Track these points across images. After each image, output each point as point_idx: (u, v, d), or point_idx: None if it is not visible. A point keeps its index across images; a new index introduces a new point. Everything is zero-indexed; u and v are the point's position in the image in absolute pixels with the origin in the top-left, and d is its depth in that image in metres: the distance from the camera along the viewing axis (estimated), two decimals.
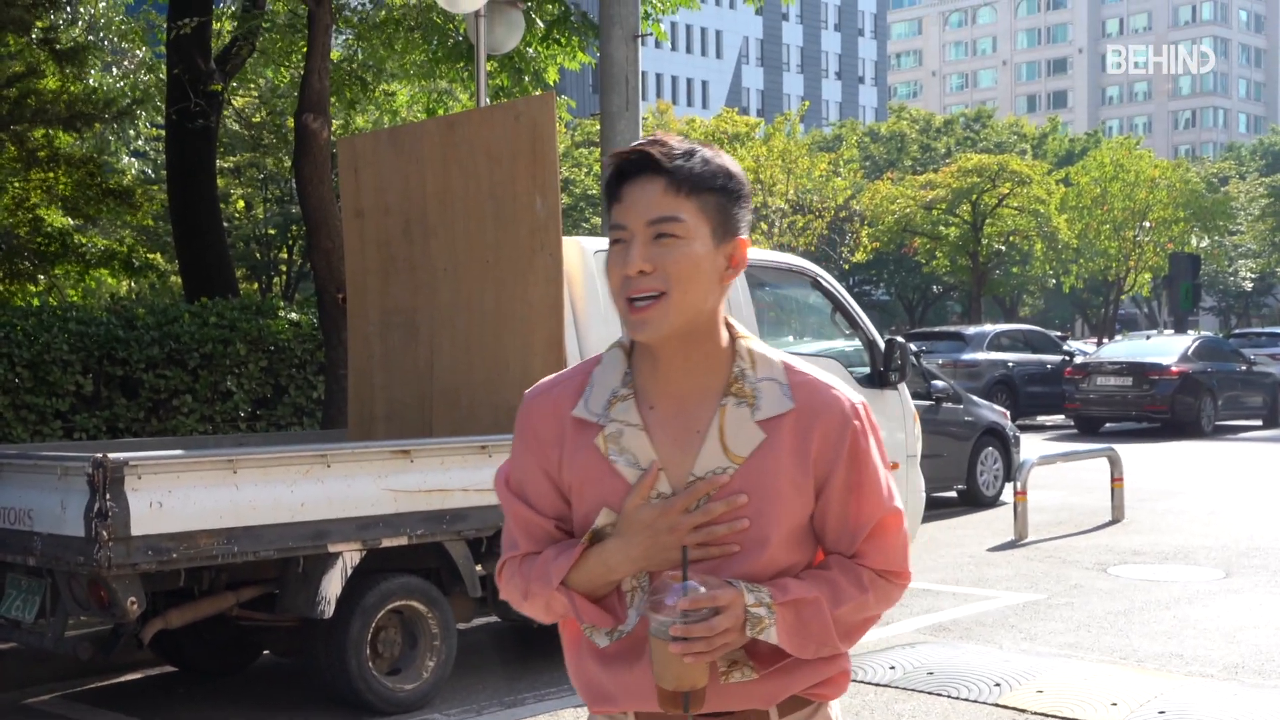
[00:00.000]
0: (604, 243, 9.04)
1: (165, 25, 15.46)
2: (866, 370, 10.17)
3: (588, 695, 2.54)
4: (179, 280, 19.34)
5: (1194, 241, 54.07)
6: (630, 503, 2.39)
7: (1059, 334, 39.58)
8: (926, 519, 12.28)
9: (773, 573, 2.42)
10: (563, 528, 2.51)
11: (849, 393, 2.47)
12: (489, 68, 15.00)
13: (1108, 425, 26.86)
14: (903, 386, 10.31)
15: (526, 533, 2.52)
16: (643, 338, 2.38)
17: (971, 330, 29.36)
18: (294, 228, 28.97)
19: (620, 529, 2.40)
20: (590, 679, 2.52)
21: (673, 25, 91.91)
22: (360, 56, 16.81)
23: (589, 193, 47.51)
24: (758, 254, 10.16)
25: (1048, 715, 7.16)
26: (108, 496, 6.38)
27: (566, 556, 2.43)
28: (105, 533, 6.37)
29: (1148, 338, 30.73)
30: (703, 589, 2.29)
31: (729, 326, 2.49)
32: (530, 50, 15.91)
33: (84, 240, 16.76)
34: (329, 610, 7.15)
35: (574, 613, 2.43)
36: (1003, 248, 52.86)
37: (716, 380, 2.44)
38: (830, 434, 2.42)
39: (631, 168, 2.39)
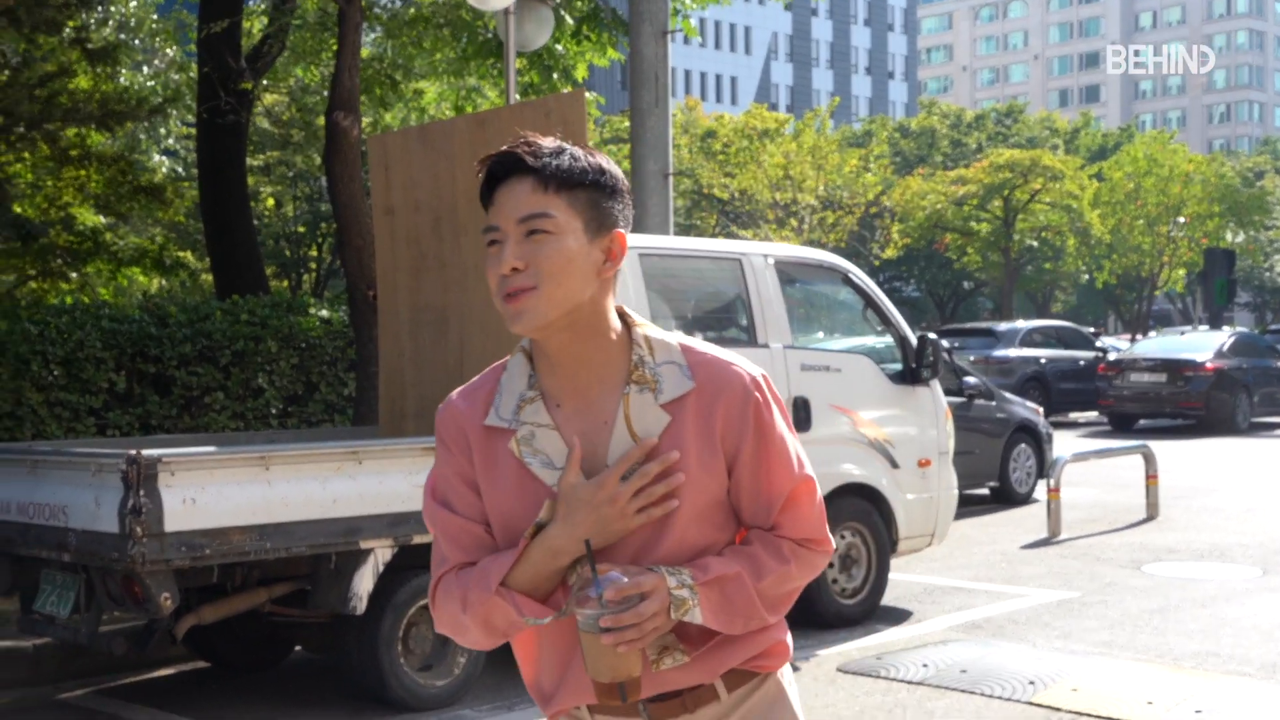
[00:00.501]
0: (635, 239, 9.03)
1: (196, 24, 15.51)
2: (898, 367, 10.13)
3: (542, 697, 2.57)
4: (210, 278, 19.43)
5: (1229, 236, 53.80)
6: (566, 482, 2.41)
7: (1092, 330, 39.48)
8: (959, 516, 12.23)
9: (691, 553, 2.44)
10: (489, 532, 2.51)
11: (748, 367, 2.50)
12: (518, 65, 15.00)
13: (1142, 422, 26.72)
14: (935, 383, 10.27)
15: (456, 542, 2.50)
16: (518, 329, 2.41)
17: (1003, 326, 29.24)
18: (323, 225, 29.03)
19: (561, 511, 2.41)
20: (540, 680, 2.56)
21: (702, 21, 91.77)
22: (390, 54, 16.83)
23: None
24: (788, 250, 10.14)
25: (1082, 714, 7.11)
26: (141, 493, 6.40)
27: (505, 556, 2.43)
28: (139, 529, 6.39)
29: (1182, 334, 30.53)
30: (625, 579, 2.31)
31: (623, 316, 2.51)
32: (559, 47, 15.91)
33: (116, 238, 16.84)
34: (361, 606, 7.16)
35: (513, 610, 2.41)
36: (1035, 243, 52.72)
37: (616, 370, 2.47)
38: (733, 408, 2.44)
39: (501, 170, 2.43)
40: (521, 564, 2.41)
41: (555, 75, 16.26)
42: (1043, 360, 27.32)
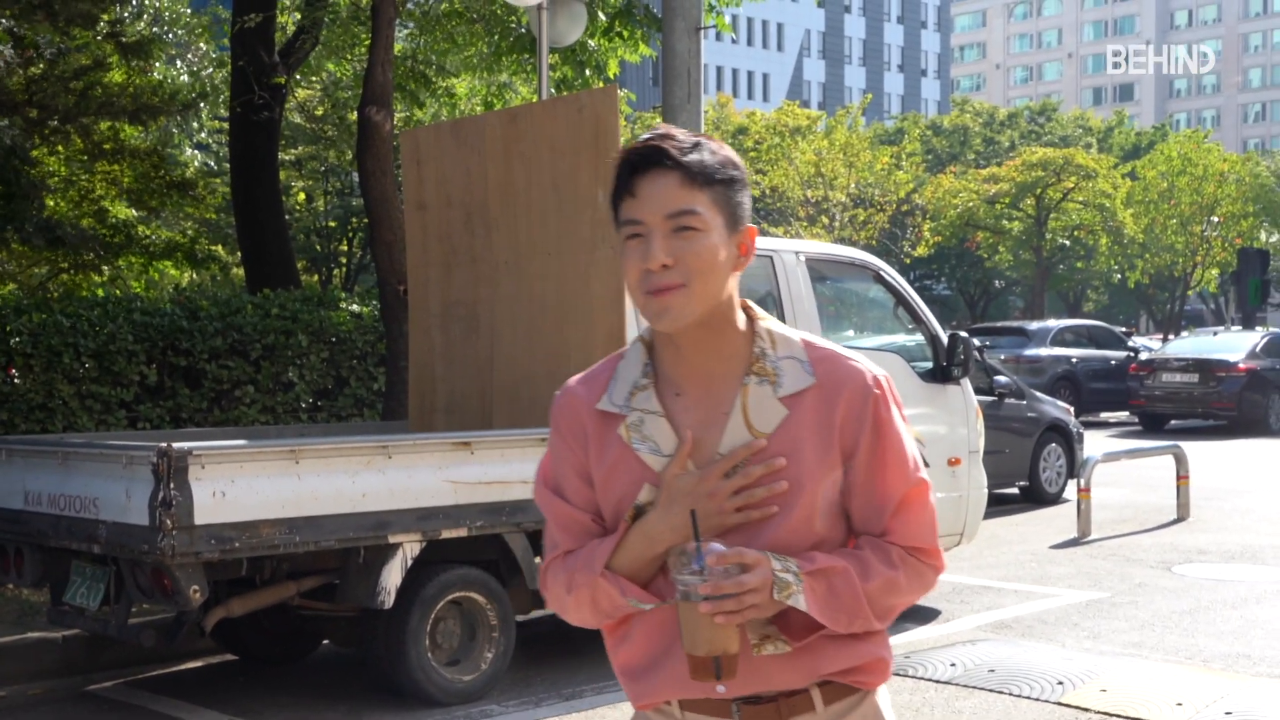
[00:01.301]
0: None
1: (230, 18, 15.55)
2: (929, 365, 10.10)
3: (633, 689, 2.56)
4: (241, 272, 19.46)
5: (1263, 236, 53.44)
6: (670, 472, 2.43)
7: (1124, 330, 39.27)
8: (988, 515, 12.18)
9: (800, 549, 2.43)
10: (599, 522, 2.53)
11: (870, 365, 2.49)
12: (551, 60, 15.00)
13: (1173, 422, 26.60)
14: (965, 382, 10.24)
15: (566, 530, 2.55)
16: (663, 326, 2.42)
17: (1035, 325, 29.15)
18: (354, 220, 29.06)
19: (661, 499, 2.43)
20: (634, 671, 2.55)
21: (735, 18, 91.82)
22: (423, 50, 16.85)
23: None
24: (819, 247, 10.12)
25: (1111, 715, 7.08)
26: (172, 485, 6.43)
27: (609, 540, 2.47)
28: (169, 521, 6.42)
29: (1214, 334, 30.37)
30: (726, 548, 2.32)
31: (747, 309, 2.52)
32: (592, 43, 15.90)
33: (148, 232, 16.88)
34: (389, 601, 7.18)
35: (618, 591, 2.44)
36: (1067, 242, 52.53)
37: (738, 362, 2.48)
38: (853, 405, 2.44)
39: (643, 162, 2.41)
40: (622, 548, 2.45)
41: (588, 71, 16.25)
42: (1074, 359, 27.22)
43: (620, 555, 2.45)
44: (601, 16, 15.47)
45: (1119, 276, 58.99)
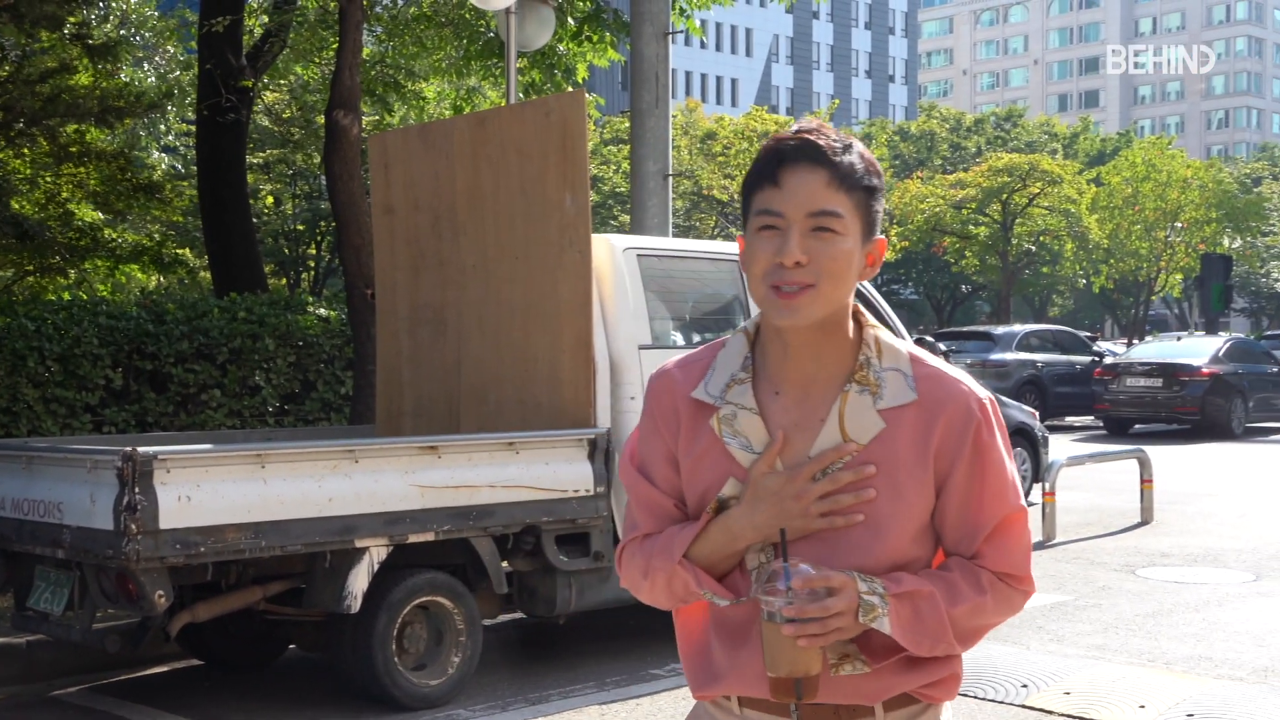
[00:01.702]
0: (634, 240, 9.04)
1: (197, 21, 15.50)
2: None
3: (697, 678, 2.52)
4: (208, 275, 19.40)
5: (1226, 242, 53.78)
6: (757, 469, 2.39)
7: (1089, 334, 39.40)
8: None
9: (887, 567, 2.39)
10: (681, 508, 2.51)
11: (976, 387, 2.45)
12: (520, 64, 15.00)
13: (1137, 426, 26.72)
14: None
15: (649, 511, 2.52)
16: (786, 324, 2.37)
17: (1000, 330, 29.26)
18: (323, 223, 28.96)
19: (746, 496, 2.39)
20: (701, 660, 2.52)
21: (703, 23, 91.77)
22: (391, 54, 16.83)
23: (618, 190, 47.47)
24: None
25: (1075, 717, 7.12)
26: (136, 490, 6.41)
27: (690, 528, 2.44)
28: (134, 526, 6.40)
29: (1178, 339, 30.58)
30: (813, 571, 2.28)
31: (857, 316, 2.48)
32: (561, 47, 15.91)
33: (114, 235, 16.81)
34: (355, 605, 7.16)
35: (693, 581, 2.42)
36: (1033, 247, 52.72)
37: (841, 368, 2.44)
38: (953, 427, 2.40)
39: (794, 154, 2.36)
40: (702, 539, 2.42)
41: (557, 75, 16.26)
42: (1039, 364, 27.32)
43: (699, 546, 2.42)
44: (570, 21, 15.49)
45: (1084, 281, 59.32)
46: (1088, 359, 28.49)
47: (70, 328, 11.10)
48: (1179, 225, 52.21)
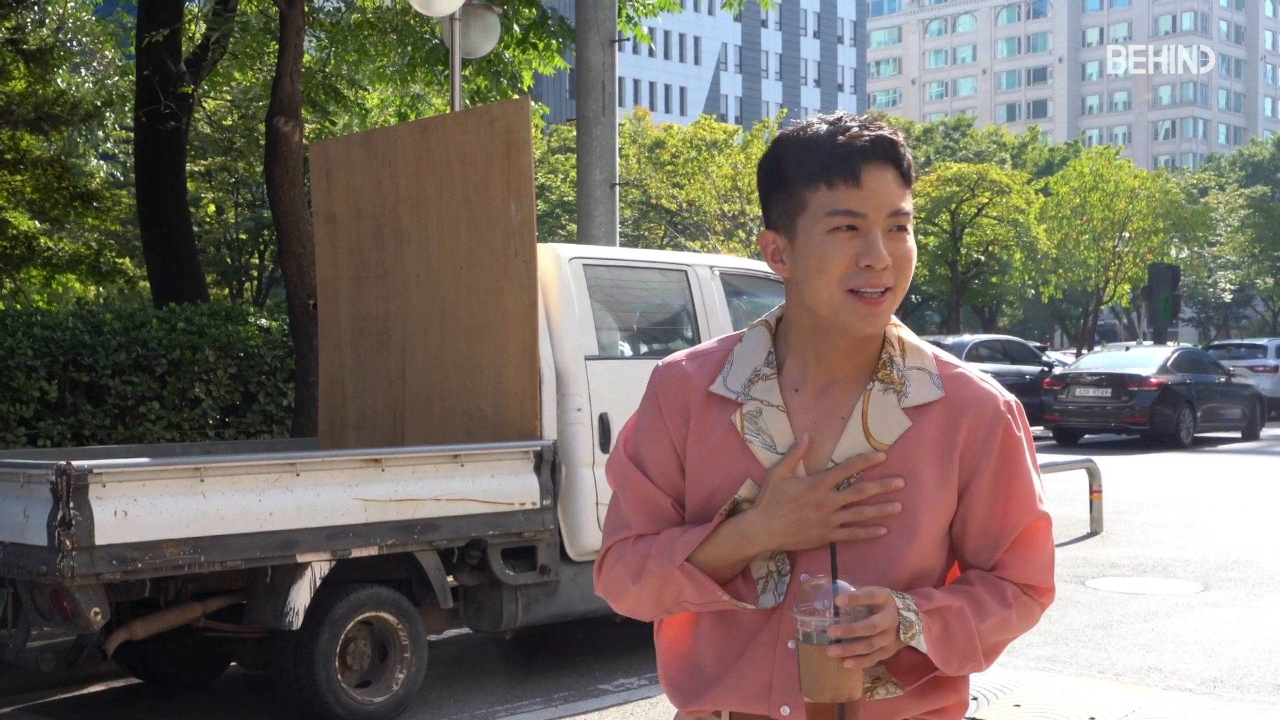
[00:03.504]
0: (580, 249, 8.95)
1: (135, 26, 15.33)
2: None
3: (683, 691, 2.38)
4: (147, 285, 19.19)
5: (1173, 252, 54.21)
6: (778, 473, 2.27)
7: (1038, 345, 39.65)
8: None
9: (909, 578, 2.28)
10: (678, 509, 2.37)
11: (1002, 390, 2.36)
12: (465, 71, 14.90)
13: (1086, 436, 26.85)
14: None
15: (643, 510, 2.38)
16: (873, 330, 2.27)
17: (950, 340, 29.35)
18: (265, 232, 28.80)
19: (764, 501, 2.27)
20: (690, 673, 2.38)
21: (651, 31, 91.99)
22: (333, 61, 16.70)
23: (565, 199, 47.42)
24: (735, 261, 10.08)
25: None
26: (71, 505, 6.28)
27: (696, 531, 2.30)
28: (68, 542, 6.27)
29: (1127, 349, 30.71)
30: (853, 589, 2.15)
31: None
32: (506, 54, 15.82)
33: (50, 244, 16.61)
34: (297, 621, 7.06)
35: (696, 588, 2.28)
36: (982, 257, 52.96)
37: (864, 367, 2.34)
38: (980, 427, 2.30)
39: (877, 151, 2.25)
40: (709, 542, 2.29)
41: (503, 82, 16.17)
42: (989, 374, 27.38)
43: (706, 550, 2.28)
44: (515, 28, 15.39)
45: (1033, 291, 59.63)
46: (1037, 369, 28.63)
47: (4, 339, 10.91)
48: (1127, 235, 52.59)
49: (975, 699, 7.57)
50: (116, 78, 18.31)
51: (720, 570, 2.30)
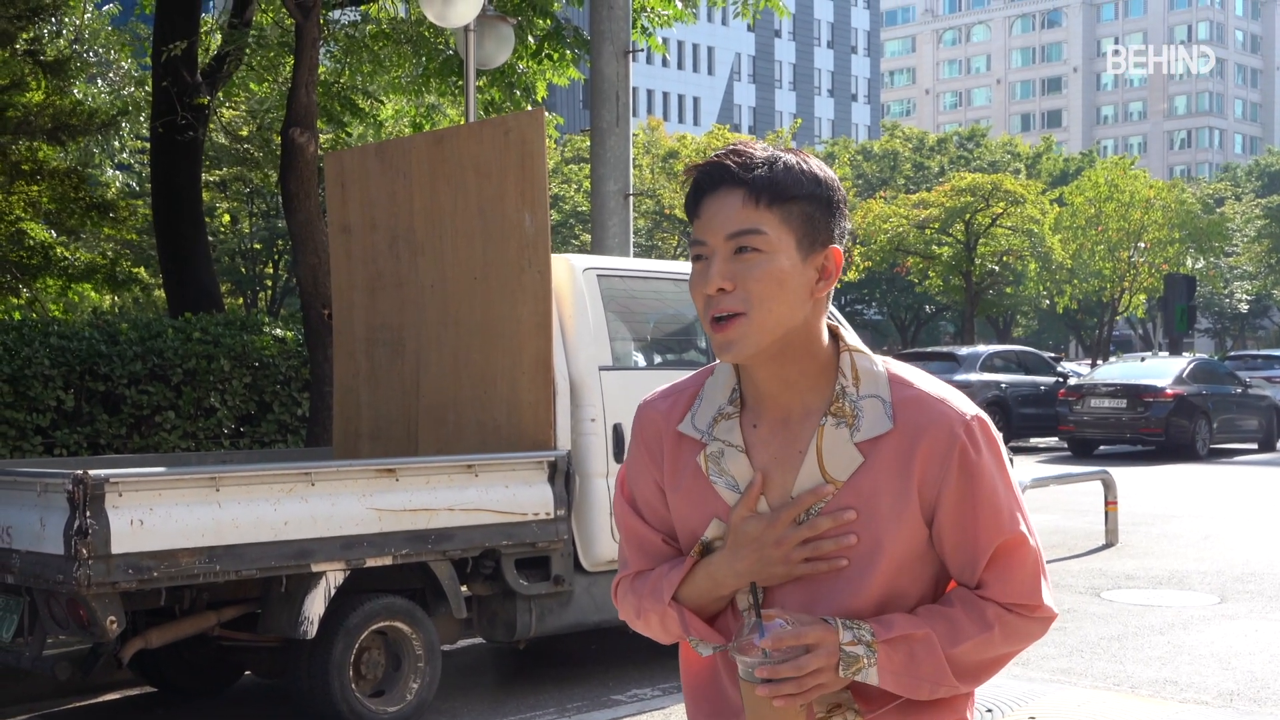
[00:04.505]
0: (594, 260, 8.97)
1: (151, 37, 15.37)
2: None
3: (701, 710, 2.44)
4: (163, 295, 19.23)
5: (1189, 263, 54.10)
6: (736, 515, 2.29)
7: (1053, 355, 39.54)
8: None
9: (876, 604, 2.28)
10: (670, 543, 2.42)
11: (962, 406, 2.30)
12: (479, 82, 14.92)
13: (1102, 448, 26.78)
14: None
15: (638, 548, 2.44)
16: (728, 358, 2.26)
17: (964, 351, 29.32)
18: (280, 243, 28.86)
19: (728, 542, 2.30)
20: (710, 694, 2.42)
21: (664, 41, 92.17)
22: (348, 73, 16.73)
23: (579, 209, 47.46)
24: None
25: None
26: (88, 514, 6.29)
27: (677, 570, 2.35)
28: (85, 550, 6.28)
29: (1142, 359, 30.63)
30: (789, 626, 2.17)
31: (835, 335, 2.36)
32: (521, 65, 15.84)
33: (67, 254, 16.66)
34: (312, 630, 7.06)
35: (681, 627, 2.34)
36: (996, 268, 52.89)
37: (819, 396, 2.31)
38: (934, 454, 2.26)
39: (709, 180, 2.27)
40: (688, 583, 2.34)
41: (517, 93, 16.19)
42: (1003, 385, 27.35)
43: (686, 589, 2.34)
44: (530, 39, 15.42)
45: (1048, 302, 59.52)
46: (1052, 380, 28.54)
47: (21, 348, 10.94)
48: (1142, 245, 52.49)
49: (990, 710, 7.56)
50: (132, 88, 18.37)
51: (705, 606, 2.35)
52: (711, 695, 2.41)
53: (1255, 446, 27.52)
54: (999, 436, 2.34)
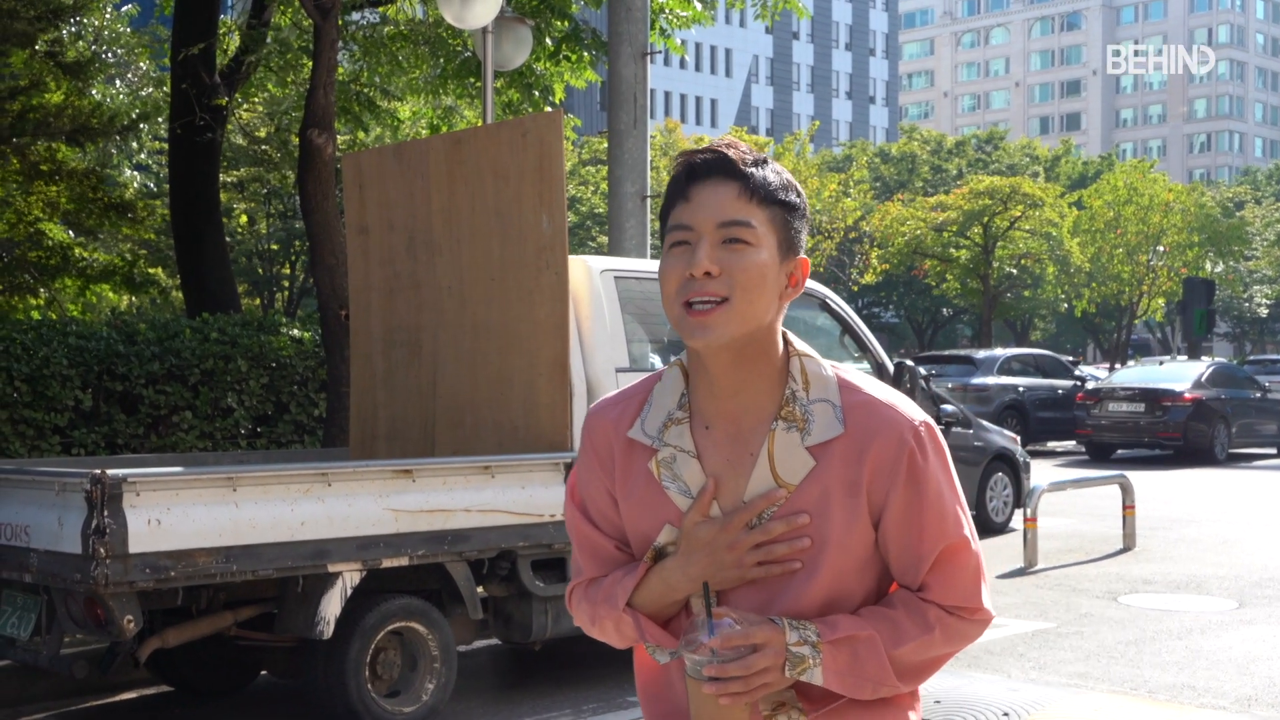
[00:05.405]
0: (612, 262, 8.97)
1: (170, 38, 15.41)
2: None
3: (655, 712, 2.47)
4: (180, 295, 19.27)
5: (1208, 266, 53.90)
6: (689, 520, 2.31)
7: (1070, 359, 39.48)
8: None
9: (823, 605, 2.31)
10: (623, 549, 2.43)
11: (910, 412, 2.34)
12: (497, 84, 14.92)
13: (1119, 452, 26.71)
14: None
15: (591, 555, 2.45)
16: (699, 344, 2.27)
17: (982, 354, 29.26)
18: (297, 243, 28.89)
19: (681, 547, 2.32)
20: (664, 696, 2.45)
21: (682, 42, 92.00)
22: (366, 74, 16.75)
23: (595, 211, 47.46)
24: None
25: None
26: (105, 513, 6.30)
27: (631, 576, 2.37)
28: (102, 550, 6.29)
29: (1160, 363, 30.54)
30: (737, 626, 2.20)
31: (787, 342, 2.38)
32: (538, 67, 15.85)
33: (85, 254, 16.70)
34: (328, 631, 7.07)
35: (638, 633, 2.36)
36: (1014, 271, 52.76)
37: (769, 401, 2.34)
38: (883, 458, 2.29)
39: (704, 168, 2.30)
40: (642, 589, 2.36)
41: (535, 94, 16.19)
42: (1021, 388, 27.30)
43: (640, 594, 2.36)
44: (548, 41, 15.42)
45: (1066, 305, 59.37)
46: (1070, 383, 28.49)
47: (39, 348, 10.97)
48: (1161, 249, 52.32)
49: (1006, 715, 7.54)
50: (151, 89, 18.41)
51: (659, 611, 2.37)
52: (664, 695, 2.44)
53: (1274, 451, 27.47)
54: (944, 442, 2.38)
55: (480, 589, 7.76)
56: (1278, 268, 68.43)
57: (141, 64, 18.46)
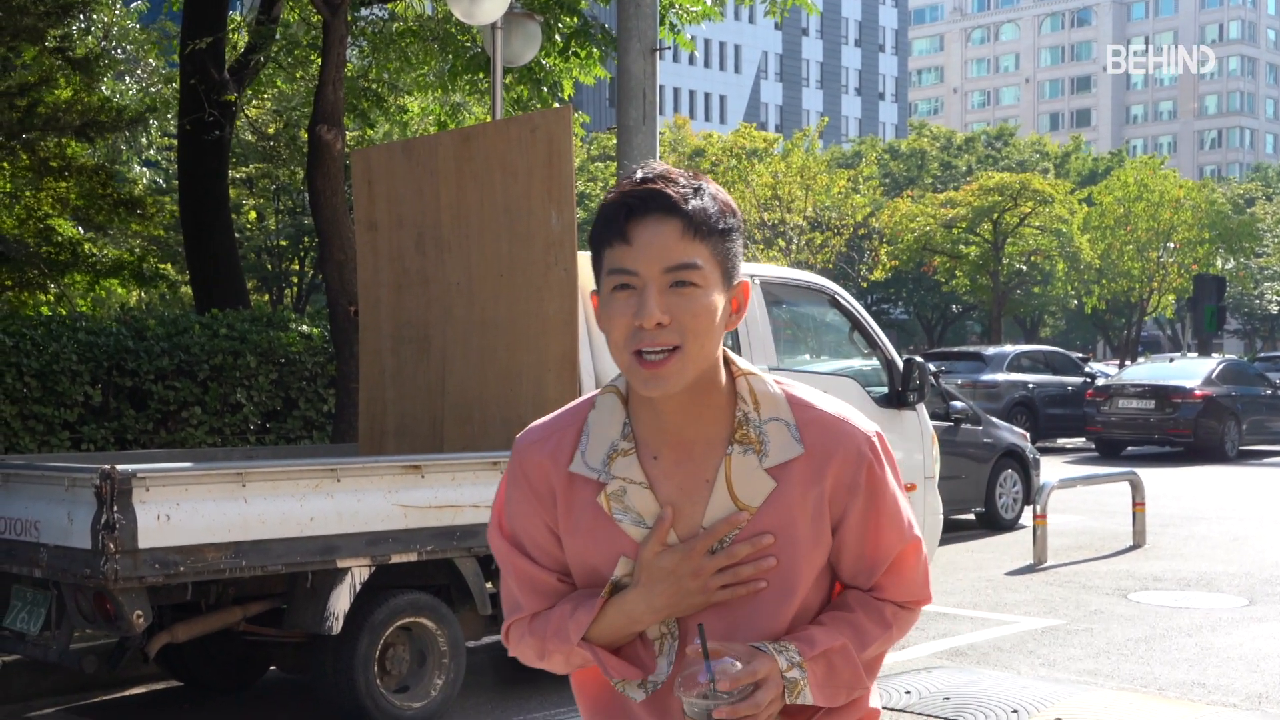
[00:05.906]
0: None
1: (179, 34, 15.42)
2: (884, 390, 10.05)
3: None
4: (189, 291, 19.29)
5: (1219, 263, 53.82)
6: (648, 551, 2.26)
7: (1080, 355, 39.39)
8: (944, 541, 12.14)
9: (792, 623, 2.30)
10: (565, 581, 2.37)
11: (861, 423, 2.33)
12: (506, 80, 14.91)
13: (1129, 449, 26.66)
14: (921, 407, 10.20)
15: (531, 590, 2.37)
16: (657, 394, 2.21)
17: (991, 351, 29.23)
18: (306, 239, 28.90)
19: (640, 579, 2.27)
20: (600, 714, 2.41)
21: (691, 38, 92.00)
22: (375, 69, 16.75)
23: None
24: (775, 271, 10.07)
25: None
26: (115, 509, 6.31)
27: (586, 610, 2.29)
28: (112, 545, 6.30)
29: (1171, 360, 30.50)
30: (738, 664, 2.17)
31: (727, 361, 2.33)
32: (547, 63, 15.83)
33: (94, 250, 16.73)
34: (337, 626, 7.07)
35: (601, 668, 2.31)
36: (1024, 267, 52.74)
37: (720, 425, 2.29)
38: (845, 472, 2.28)
39: (641, 205, 2.20)
40: (599, 622, 2.29)
41: (544, 90, 16.18)
42: (1031, 385, 27.26)
43: (597, 629, 2.29)
44: (557, 36, 15.40)
45: (1076, 302, 59.32)
46: (1079, 380, 28.44)
47: (49, 343, 10.98)
48: (1171, 246, 52.25)
49: (1015, 711, 7.53)
50: (160, 85, 18.42)
51: (616, 642, 2.32)
52: (614, 712, 2.39)
53: None
54: (889, 448, 2.38)
55: (489, 584, 7.75)
56: None
57: (150, 60, 18.46)
